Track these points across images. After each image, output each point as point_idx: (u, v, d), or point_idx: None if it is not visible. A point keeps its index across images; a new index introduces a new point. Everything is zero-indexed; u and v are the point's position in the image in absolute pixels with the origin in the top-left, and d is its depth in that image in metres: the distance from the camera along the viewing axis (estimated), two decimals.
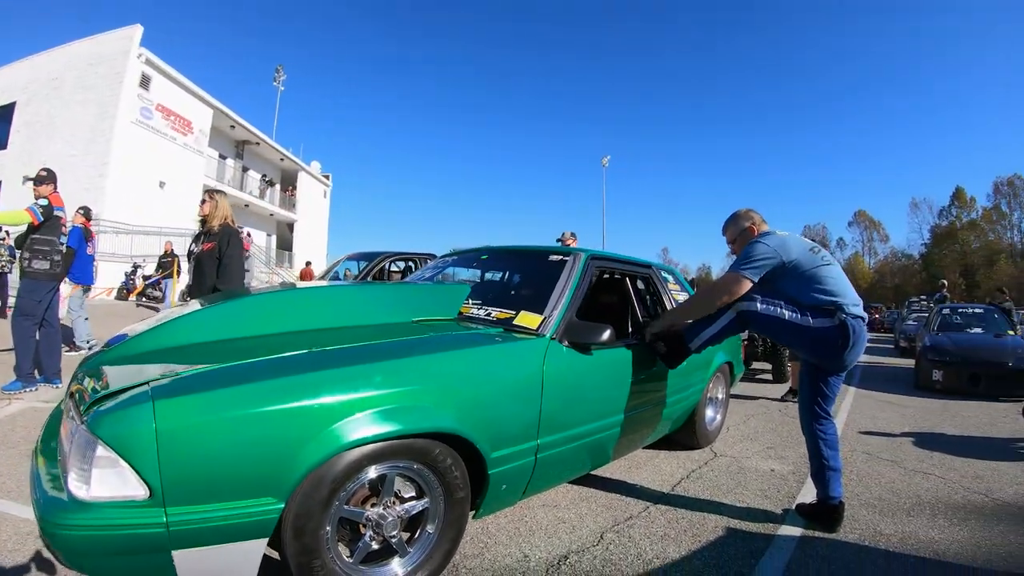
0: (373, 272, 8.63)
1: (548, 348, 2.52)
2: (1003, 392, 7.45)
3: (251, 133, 28.31)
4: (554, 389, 2.45)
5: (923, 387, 8.19)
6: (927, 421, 5.91)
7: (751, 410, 6.06)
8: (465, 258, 4.32)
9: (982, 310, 10.37)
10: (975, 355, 7.91)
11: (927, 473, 3.99)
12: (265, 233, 31.00)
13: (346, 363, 1.89)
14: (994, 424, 5.90)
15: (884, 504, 3.32)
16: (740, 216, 3.24)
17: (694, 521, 2.94)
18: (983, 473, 4.06)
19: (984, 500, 3.49)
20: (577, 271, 3.03)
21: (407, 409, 1.90)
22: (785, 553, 2.61)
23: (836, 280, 2.83)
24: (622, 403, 3.02)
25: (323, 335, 2.21)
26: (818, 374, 2.98)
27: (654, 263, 4.23)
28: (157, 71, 21.14)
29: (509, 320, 2.73)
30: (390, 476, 1.93)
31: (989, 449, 4.80)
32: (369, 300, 2.76)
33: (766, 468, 3.94)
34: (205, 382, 1.67)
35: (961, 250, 54.78)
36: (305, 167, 33.91)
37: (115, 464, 1.50)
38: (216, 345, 2.06)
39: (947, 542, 2.82)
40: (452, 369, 2.16)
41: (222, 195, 4.60)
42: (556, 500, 3.11)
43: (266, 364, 1.82)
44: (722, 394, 4.67)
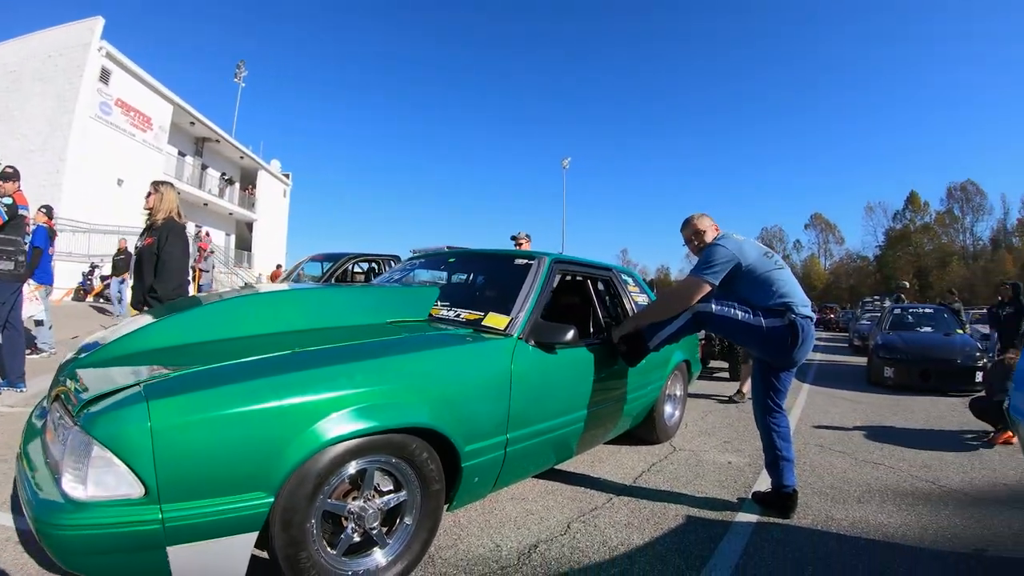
0: (337, 273, 8.58)
1: (516, 347, 2.64)
2: (951, 387, 7.85)
3: (211, 130, 27.60)
4: (521, 386, 2.57)
5: (875, 383, 8.54)
6: (878, 415, 6.21)
7: (708, 407, 6.28)
8: (432, 261, 4.43)
9: (932, 310, 10.86)
10: (925, 353, 8.29)
11: (877, 463, 4.23)
12: (224, 233, 30.29)
13: (329, 363, 1.98)
14: (943, 417, 6.22)
15: (836, 492, 3.53)
16: (696, 219, 3.41)
17: (656, 510, 3.09)
18: (931, 463, 4.32)
19: (931, 487, 3.72)
20: (542, 274, 3.14)
21: (385, 406, 2.00)
22: (742, 538, 2.77)
23: (787, 283, 3.02)
24: (585, 400, 3.16)
25: (304, 336, 2.29)
26: (770, 371, 3.17)
27: (614, 266, 4.39)
28: (117, 65, 20.48)
29: (478, 321, 2.84)
30: (370, 470, 2.02)
31: (937, 440, 5.08)
32: (345, 302, 2.84)
33: (723, 461, 4.13)
34: (196, 382, 1.72)
35: (915, 252, 56.86)
36: (265, 166, 33.22)
37: (111, 464, 1.53)
38: (199, 347, 2.11)
39: (896, 526, 3.02)
40: (427, 368, 2.26)
41: (168, 187, 4.33)
42: (524, 493, 3.23)
43: (253, 364, 1.88)
44: (680, 391, 4.86)
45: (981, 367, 7.79)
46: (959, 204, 57.79)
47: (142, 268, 4.12)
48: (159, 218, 4.16)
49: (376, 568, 2.06)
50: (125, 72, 20.99)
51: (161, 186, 4.27)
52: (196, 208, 26.87)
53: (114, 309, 12.13)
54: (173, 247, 4.08)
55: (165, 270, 4.03)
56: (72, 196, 18.38)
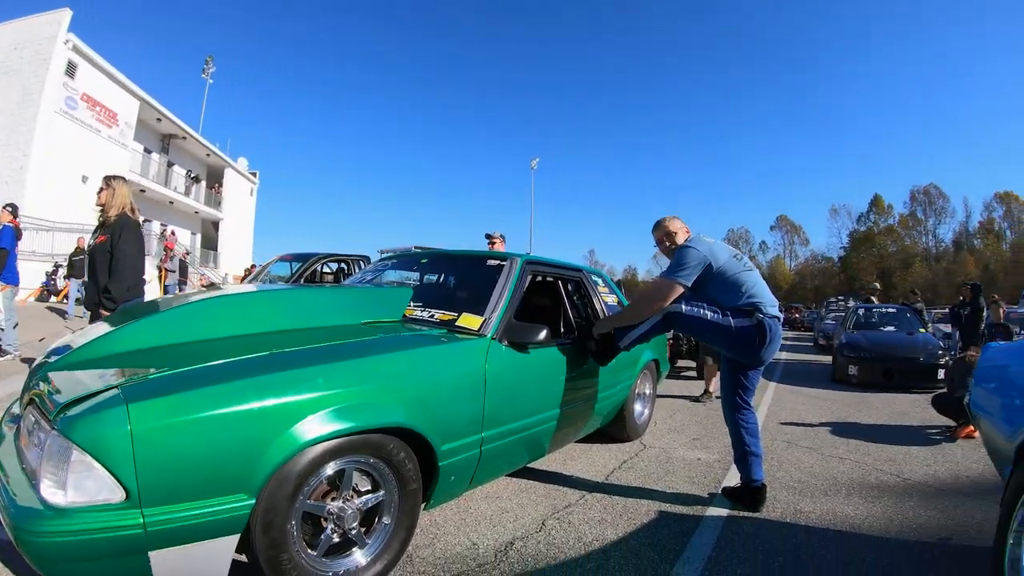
0: (306, 274, 8.51)
1: (490, 347, 2.68)
2: (914, 384, 8.14)
3: (178, 127, 27.00)
4: (496, 386, 2.61)
5: (840, 381, 8.79)
6: (843, 412, 6.41)
7: (677, 405, 6.40)
8: (403, 261, 4.46)
9: (895, 310, 11.18)
10: (889, 351, 8.57)
11: (843, 458, 4.37)
12: (190, 232, 29.73)
13: (308, 363, 1.99)
14: (906, 413, 6.45)
15: (803, 486, 3.64)
16: (667, 221, 3.50)
17: (628, 506, 3.16)
18: (895, 457, 4.48)
19: (896, 480, 3.86)
20: (514, 275, 3.19)
21: (364, 406, 2.01)
22: (714, 531, 2.86)
23: (756, 284, 3.12)
24: (558, 398, 3.22)
25: (280, 337, 2.28)
26: (738, 369, 3.27)
27: (584, 267, 4.47)
28: (84, 59, 19.90)
29: (452, 321, 2.87)
30: (348, 471, 2.03)
31: (901, 435, 5.27)
32: (320, 303, 2.84)
33: (693, 457, 4.23)
34: (175, 384, 1.71)
35: (878, 253, 58.45)
36: (232, 164, 32.62)
37: (91, 468, 1.51)
38: (174, 349, 2.09)
39: (862, 517, 3.14)
40: (404, 368, 2.29)
41: (121, 181, 4.20)
42: (498, 492, 3.27)
43: (232, 366, 1.87)
44: (649, 390, 4.97)
45: (943, 365, 8.09)
46: (922, 207, 59.73)
47: (95, 267, 3.99)
48: (112, 214, 4.04)
49: (356, 568, 2.07)
50: (92, 66, 20.45)
51: (113, 181, 4.14)
52: (162, 207, 26.36)
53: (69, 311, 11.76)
54: (127, 244, 3.97)
55: (119, 268, 3.92)
56: (36, 193, 17.86)
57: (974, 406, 2.99)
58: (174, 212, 27.57)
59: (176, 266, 16.33)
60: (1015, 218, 53.82)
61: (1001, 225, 55.00)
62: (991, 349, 3.07)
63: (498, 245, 6.63)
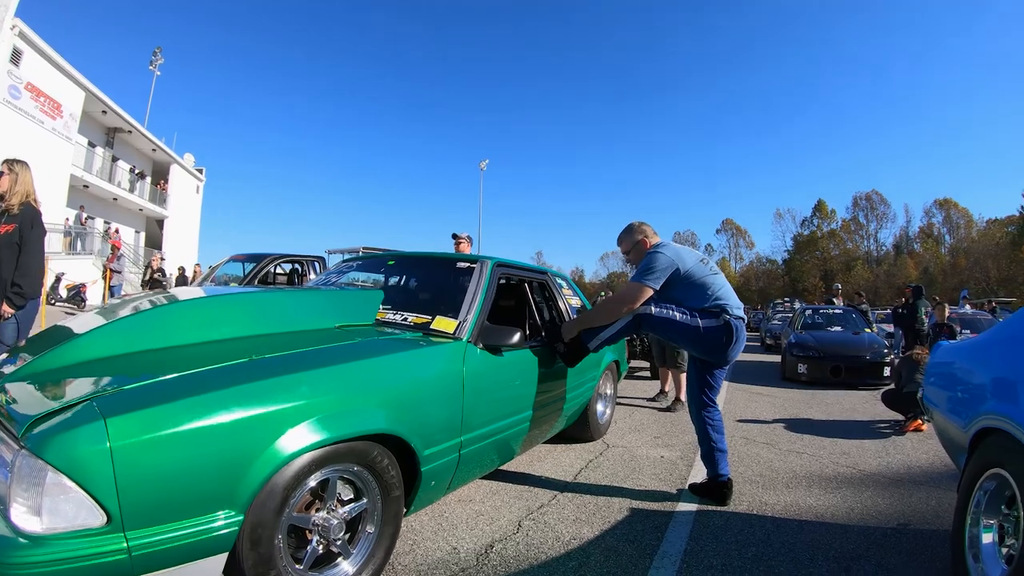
0: (259, 275, 8.32)
1: (466, 350, 2.68)
2: (861, 381, 8.58)
3: (124, 120, 25.78)
4: (472, 389, 2.62)
5: (789, 379, 9.14)
6: (796, 408, 6.68)
7: (636, 405, 6.57)
8: (369, 263, 4.39)
9: (841, 311, 11.66)
10: (836, 350, 8.95)
11: (800, 452, 4.56)
12: (134, 230, 28.64)
13: (291, 370, 1.93)
14: (855, 409, 6.78)
15: (765, 480, 3.80)
16: (634, 229, 3.61)
17: (600, 505, 3.22)
18: (849, 450, 4.71)
19: (852, 472, 4.07)
20: (486, 278, 3.20)
21: (348, 413, 1.98)
22: (686, 526, 2.94)
23: (722, 287, 3.25)
24: (530, 400, 3.26)
25: (255, 343, 2.21)
26: (705, 368, 3.38)
27: (549, 270, 4.53)
28: (30, 46, 18.57)
29: (426, 325, 2.85)
30: (332, 480, 1.98)
31: (853, 430, 5.55)
32: (293, 306, 2.75)
33: (656, 455, 4.33)
34: (154, 395, 1.61)
35: (822, 256, 60.65)
36: (178, 159, 31.47)
37: (68, 490, 1.41)
38: (143, 357, 1.99)
39: (823, 507, 3.30)
40: (386, 373, 2.25)
41: (24, 166, 3.87)
42: (470, 495, 3.27)
43: (212, 374, 1.79)
44: (610, 390, 5.09)
45: (888, 362, 8.52)
46: (864, 212, 62.28)
47: (0, 261, 3.69)
48: (15, 202, 3.76)
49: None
50: (38, 54, 19.20)
51: (16, 165, 3.84)
52: (105, 203, 25.31)
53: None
54: (38, 236, 3.75)
55: (30, 262, 3.69)
56: None
57: (927, 401, 3.16)
58: (118, 209, 26.47)
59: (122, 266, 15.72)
60: (953, 223, 56.59)
61: (940, 230, 57.80)
62: (942, 349, 3.25)
63: (464, 245, 6.61)
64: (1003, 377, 2.34)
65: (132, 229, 28.37)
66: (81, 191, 22.90)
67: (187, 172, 32.92)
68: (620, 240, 3.68)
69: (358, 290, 3.44)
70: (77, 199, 22.57)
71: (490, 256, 3.52)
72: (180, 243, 30.79)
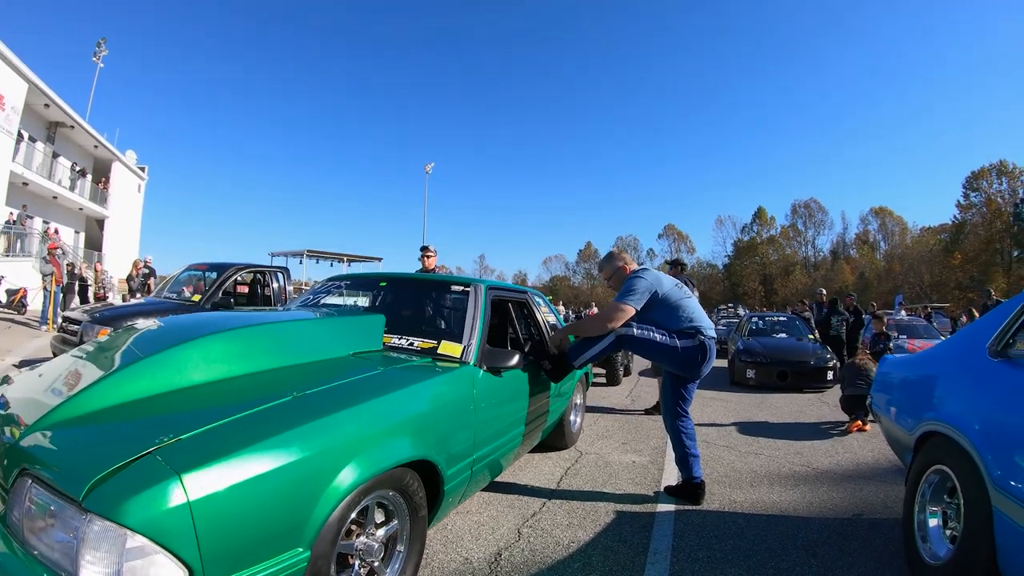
0: (224, 286, 8.24)
1: (474, 374, 2.90)
2: (806, 385, 9.19)
3: (66, 114, 24.53)
4: (481, 410, 2.84)
5: (738, 383, 9.65)
6: (747, 412, 7.16)
7: (598, 412, 6.95)
8: (359, 283, 4.55)
9: (785, 318, 12.40)
10: (782, 356, 9.53)
11: (757, 454, 4.99)
12: (73, 230, 27.22)
13: (337, 407, 2.01)
14: (803, 411, 7.34)
15: (730, 480, 4.19)
16: (615, 256, 3.99)
17: (588, 509, 3.49)
18: (802, 450, 5.19)
19: (807, 470, 4.53)
20: (482, 302, 3.40)
21: (388, 444, 2.12)
22: (668, 525, 3.28)
23: (695, 310, 3.63)
24: (523, 416, 3.52)
25: (289, 376, 2.30)
26: (679, 382, 3.74)
27: (528, 289, 4.81)
28: None
29: (433, 350, 3.03)
30: (371, 506, 2.12)
31: (802, 431, 6.08)
32: (311, 335, 2.85)
33: (628, 460, 4.67)
34: (216, 442, 1.62)
35: (761, 262, 62.97)
36: (121, 157, 30.19)
37: (149, 552, 1.38)
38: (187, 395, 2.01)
39: (786, 502, 3.73)
40: (415, 402, 2.42)
41: None
42: (467, 507, 3.47)
43: (264, 416, 1.83)
44: (580, 399, 5.42)
45: (831, 367, 9.13)
46: (802, 219, 65.30)
47: None
48: None
49: None
50: None
51: None
52: (45, 202, 24.03)
53: None
54: None
55: None
56: None
57: (875, 407, 3.59)
58: (57, 208, 25.22)
59: (48, 270, 14.88)
60: (888, 231, 60.08)
61: (876, 237, 61.23)
62: (888, 362, 3.69)
63: (432, 259, 6.74)
64: (943, 390, 2.74)
65: (72, 229, 26.96)
66: (20, 189, 21.69)
67: (129, 170, 31.63)
68: (601, 267, 4.04)
69: (363, 316, 3.51)
70: (16, 197, 21.37)
71: (481, 279, 3.76)
72: (120, 244, 29.50)
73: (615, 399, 7.91)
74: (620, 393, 8.51)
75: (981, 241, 46.16)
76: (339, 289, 4.26)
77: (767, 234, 65.36)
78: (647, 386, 9.11)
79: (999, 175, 46.85)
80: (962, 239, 47.69)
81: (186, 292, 8.52)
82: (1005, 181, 46.63)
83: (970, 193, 48.64)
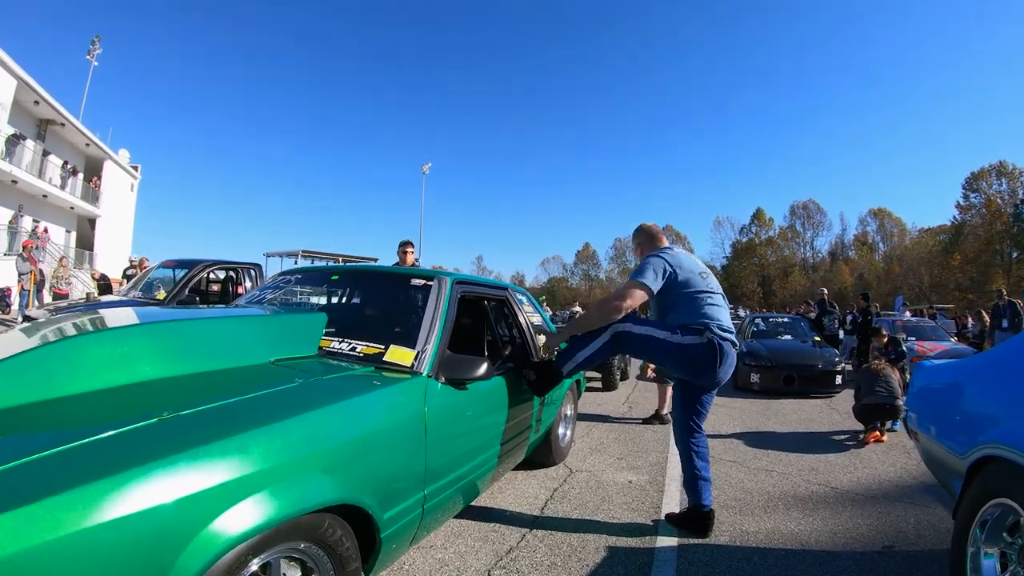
0: (192, 282, 7.76)
1: (427, 387, 2.33)
2: (814, 390, 8.61)
3: (57, 112, 24.06)
4: (436, 433, 2.28)
5: (741, 388, 9.11)
6: (753, 420, 6.62)
7: (591, 420, 6.35)
8: (311, 277, 3.89)
9: (789, 319, 11.83)
10: (789, 359, 8.99)
11: (769, 470, 4.44)
12: (64, 229, 26.68)
13: (215, 435, 1.48)
14: (812, 420, 6.77)
15: (741, 504, 3.64)
16: (641, 230, 3.56)
17: (574, 545, 2.94)
18: (817, 465, 4.63)
19: (826, 490, 3.97)
20: (445, 298, 2.84)
21: (293, 484, 1.58)
22: (670, 564, 2.73)
23: (713, 305, 3.08)
24: (497, 436, 2.97)
25: (171, 390, 1.78)
26: (692, 392, 3.20)
27: (508, 285, 4.20)
28: None
29: (379, 356, 2.46)
30: (275, 562, 1.60)
31: (815, 443, 5.50)
32: (221, 336, 2.27)
33: (623, 480, 4.11)
34: (37, 479, 1.18)
35: (760, 263, 62.72)
36: (113, 155, 29.67)
37: None
38: (19, 415, 1.51)
39: (807, 533, 3.17)
40: (336, 426, 1.84)
41: None
42: (431, 540, 2.94)
43: (106, 445, 1.34)
44: (571, 411, 4.83)
45: (840, 371, 8.60)
46: (801, 220, 65.22)
47: None
48: None
49: None
50: None
51: None
52: (35, 200, 23.38)
53: None
54: None
55: None
56: None
57: (912, 424, 3.02)
58: (47, 207, 24.66)
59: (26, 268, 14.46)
60: (887, 232, 59.91)
61: (874, 238, 61.15)
62: (926, 369, 3.12)
63: (409, 255, 6.25)
64: (1009, 404, 2.20)
65: (63, 228, 26.48)
66: (8, 187, 21.22)
67: (122, 169, 31.15)
68: (633, 236, 3.66)
69: (297, 314, 2.98)
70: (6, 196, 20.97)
71: (449, 272, 3.19)
72: (113, 244, 28.99)
73: (611, 406, 7.34)
74: (616, 399, 7.93)
75: (981, 242, 46.03)
76: (288, 284, 3.63)
77: (765, 235, 65.32)
78: (646, 391, 8.50)
79: (999, 176, 46.73)
80: (961, 240, 47.56)
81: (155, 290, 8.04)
82: (1005, 182, 46.51)
83: (970, 194, 48.55)
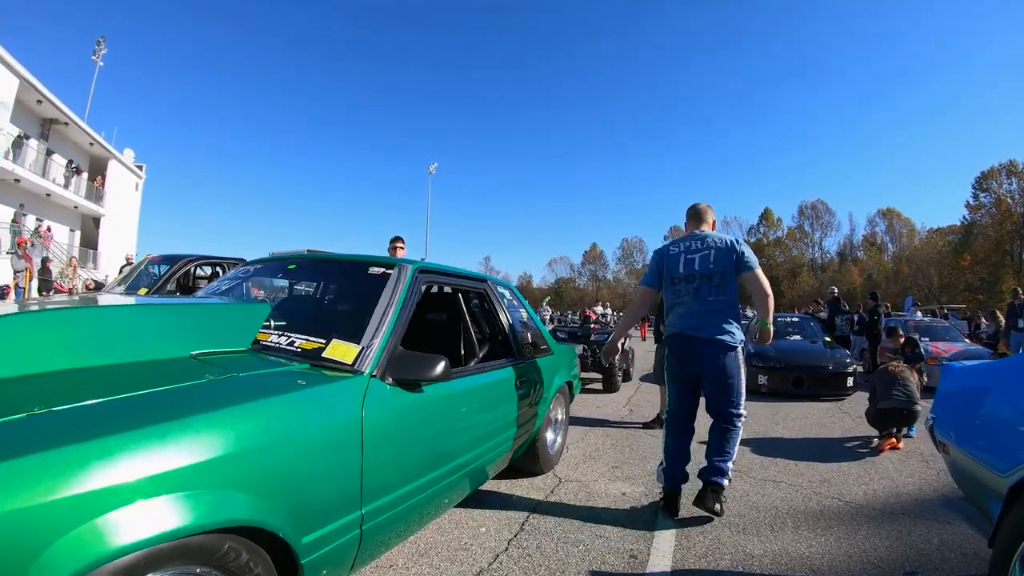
0: (176, 277, 7.47)
1: (368, 389, 2.01)
2: (824, 392, 8.22)
3: (60, 111, 24.11)
4: (378, 442, 1.97)
5: (749, 391, 8.57)
6: (761, 425, 6.21)
7: (588, 424, 6.00)
8: (269, 267, 3.57)
9: (799, 319, 11.37)
10: (798, 360, 8.59)
11: (777, 481, 4.07)
12: (68, 228, 26.78)
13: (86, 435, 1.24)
14: (824, 424, 6.37)
15: (745, 521, 3.28)
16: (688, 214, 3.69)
17: (553, 569, 2.60)
18: (829, 476, 4.24)
19: (839, 505, 3.61)
20: (403, 288, 2.53)
21: (184, 497, 1.31)
22: None
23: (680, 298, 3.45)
24: (463, 444, 2.68)
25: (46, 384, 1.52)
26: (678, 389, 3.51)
27: (489, 277, 3.87)
28: None
29: (318, 352, 2.16)
30: None
31: (826, 451, 5.10)
32: (136, 326, 2.01)
33: (616, 492, 3.78)
34: None
35: (768, 264, 61.94)
36: (117, 155, 29.74)
37: None
38: None
39: (819, 556, 2.80)
40: (242, 430, 1.54)
41: None
42: (391, 559, 2.61)
43: None
44: (562, 415, 4.50)
45: (851, 373, 8.21)
46: (809, 220, 64.62)
47: None
48: None
49: None
50: None
51: None
52: (38, 200, 23.49)
53: None
54: None
55: None
56: None
57: (940, 431, 2.63)
58: (51, 206, 24.69)
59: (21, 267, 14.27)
60: (896, 232, 59.11)
61: (883, 238, 60.33)
62: (956, 371, 2.75)
63: (400, 252, 5.93)
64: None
65: (67, 227, 26.59)
66: (11, 186, 21.23)
67: (126, 168, 31.21)
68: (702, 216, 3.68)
69: (233, 303, 2.69)
70: (8, 195, 20.96)
71: (412, 260, 2.88)
72: (117, 243, 28.87)
73: (610, 409, 6.97)
74: (617, 402, 7.55)
75: (991, 242, 45.24)
76: (248, 274, 3.34)
77: (774, 235, 64.81)
78: (649, 394, 8.14)
79: (1009, 175, 45.77)
80: (971, 240, 46.79)
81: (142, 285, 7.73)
82: (1015, 181, 45.55)
83: (979, 193, 47.65)
